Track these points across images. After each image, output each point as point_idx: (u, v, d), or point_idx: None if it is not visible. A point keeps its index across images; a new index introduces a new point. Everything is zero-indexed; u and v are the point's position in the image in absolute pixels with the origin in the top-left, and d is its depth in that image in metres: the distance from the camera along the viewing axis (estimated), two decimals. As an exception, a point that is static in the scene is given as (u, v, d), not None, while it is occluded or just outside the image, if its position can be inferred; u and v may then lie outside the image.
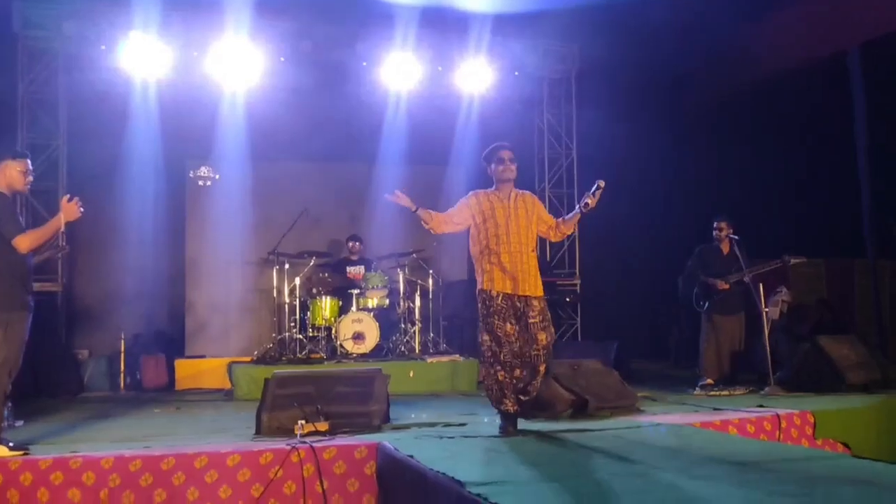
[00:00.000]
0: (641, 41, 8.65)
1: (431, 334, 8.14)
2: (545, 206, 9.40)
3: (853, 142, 7.69)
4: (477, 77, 8.88)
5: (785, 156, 8.35)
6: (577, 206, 4.67)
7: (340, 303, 7.89)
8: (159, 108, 8.16)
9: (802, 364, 6.21)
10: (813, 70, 8.06)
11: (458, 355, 7.70)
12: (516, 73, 9.04)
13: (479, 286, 4.61)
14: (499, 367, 4.45)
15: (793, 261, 6.58)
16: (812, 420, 4.95)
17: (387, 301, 7.99)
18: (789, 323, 7.56)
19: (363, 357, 7.54)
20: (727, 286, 6.63)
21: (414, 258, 8.27)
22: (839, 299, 8.33)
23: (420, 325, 8.03)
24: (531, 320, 4.46)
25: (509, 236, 4.56)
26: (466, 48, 8.67)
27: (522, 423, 4.73)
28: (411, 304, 8.05)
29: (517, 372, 4.46)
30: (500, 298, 4.47)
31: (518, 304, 4.49)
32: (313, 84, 8.63)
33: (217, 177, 7.64)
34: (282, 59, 8.39)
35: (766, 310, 6.43)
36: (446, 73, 8.90)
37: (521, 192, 4.80)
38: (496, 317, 4.47)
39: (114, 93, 8.03)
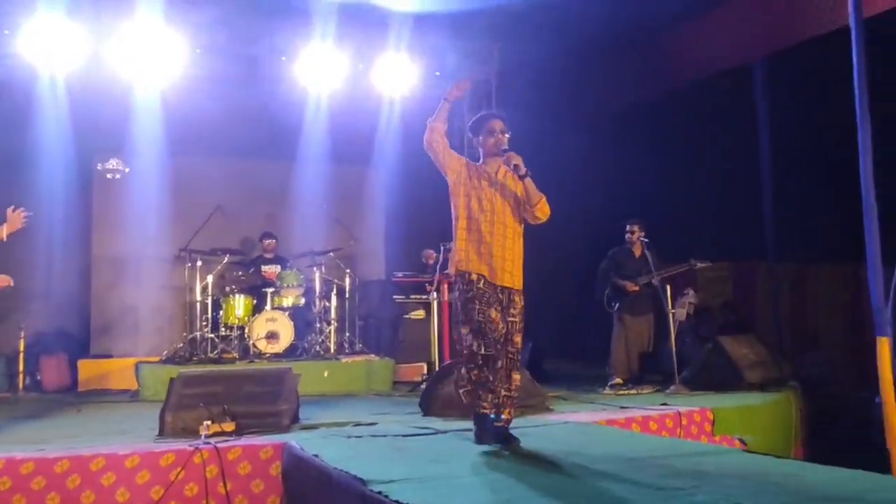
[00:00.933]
0: (563, 44, 8.78)
1: (347, 334, 8.09)
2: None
3: (758, 150, 8.01)
4: (398, 76, 8.84)
5: (696, 162, 8.61)
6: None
7: (254, 301, 7.77)
8: (68, 98, 7.76)
9: (705, 363, 6.44)
10: (722, 80, 8.36)
11: (373, 355, 7.69)
12: (437, 73, 9.04)
13: (454, 268, 4.06)
14: (476, 368, 3.89)
15: (699, 265, 6.82)
16: (711, 417, 5.14)
17: (302, 300, 7.91)
18: (696, 324, 7.82)
19: (277, 357, 7.43)
20: (637, 288, 6.82)
21: (331, 257, 8.21)
22: (743, 301, 8.64)
23: (336, 324, 7.98)
24: (510, 318, 3.96)
25: (494, 214, 4.02)
26: (387, 46, 8.63)
27: (433, 421, 4.76)
28: (327, 304, 7.98)
29: (499, 364, 3.89)
30: (481, 282, 3.91)
31: (500, 294, 3.96)
32: (231, 77, 8.43)
33: (126, 170, 7.40)
34: (198, 50, 8.17)
35: (673, 311, 6.64)
36: (367, 71, 8.83)
37: (506, 167, 4.19)
38: (478, 301, 3.88)
39: (16, 81, 7.68)
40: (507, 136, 4.15)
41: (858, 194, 4.96)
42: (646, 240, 6.95)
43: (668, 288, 6.65)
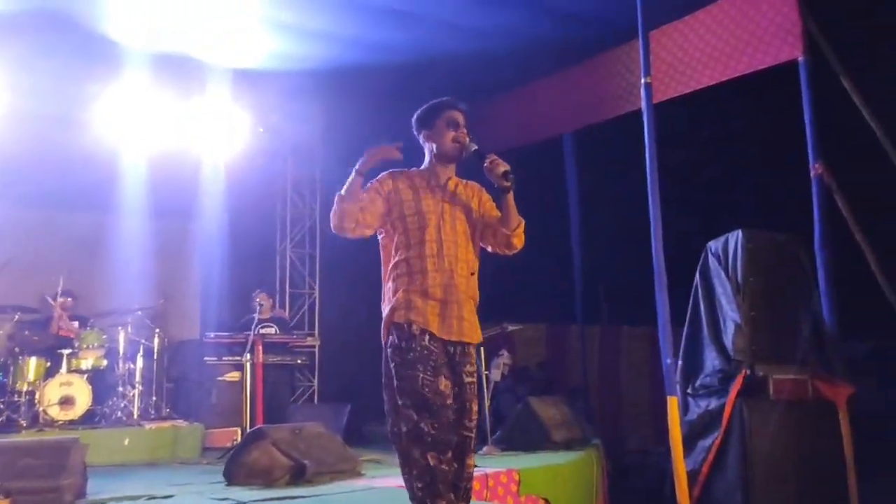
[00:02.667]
0: (387, 109, 8.94)
1: (154, 398, 7.61)
2: (286, 269, 9.58)
3: (568, 217, 8.49)
4: (220, 131, 8.63)
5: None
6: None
7: (48, 364, 7.14)
8: None
9: (515, 423, 6.59)
10: (536, 150, 8.82)
11: (181, 420, 7.27)
12: (261, 130, 8.92)
13: (388, 318, 3.06)
14: (426, 449, 2.87)
15: (510, 328, 7.03)
16: (517, 477, 5.23)
17: (104, 362, 7.36)
18: (512, 384, 8.03)
19: (72, 424, 6.83)
20: (452, 349, 6.91)
21: (139, 315, 7.75)
22: (557, 361, 9.01)
23: (141, 387, 7.48)
24: (467, 379, 3.04)
25: (442, 244, 3.08)
26: (209, 100, 8.43)
27: (235, 492, 4.52)
28: (132, 366, 7.48)
29: (449, 455, 2.91)
30: (426, 338, 2.97)
31: (451, 350, 3.03)
32: (40, 121, 7.88)
33: None
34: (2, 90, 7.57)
35: (487, 373, 6.77)
36: (189, 124, 8.55)
37: (463, 180, 3.33)
38: (420, 366, 2.92)
39: None
40: (468, 138, 3.23)
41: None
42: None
43: (482, 350, 6.79)
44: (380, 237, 3.25)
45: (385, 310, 3.11)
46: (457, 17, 7.50)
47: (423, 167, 3.31)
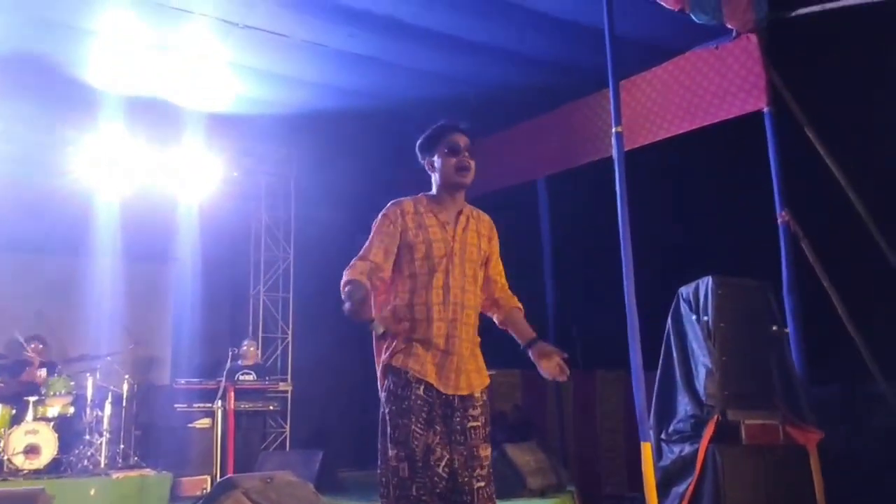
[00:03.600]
0: (357, 149, 9.03)
1: (122, 446, 7.45)
2: (259, 313, 9.51)
3: (541, 260, 8.56)
4: (195, 174, 8.64)
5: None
6: (536, 347, 3.03)
7: (14, 411, 6.98)
8: None
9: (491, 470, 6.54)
10: (511, 194, 8.92)
11: (148, 469, 7.11)
12: (235, 174, 8.95)
13: (387, 361, 2.86)
14: None
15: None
16: (491, 526, 5.18)
17: (71, 409, 7.22)
18: (491, 430, 7.98)
19: (37, 474, 6.65)
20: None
21: (108, 361, 7.64)
22: (532, 406, 8.97)
23: (109, 435, 7.33)
24: (471, 424, 2.81)
25: (448, 290, 2.86)
26: (183, 143, 8.45)
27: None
28: (100, 413, 7.34)
29: None
30: (421, 387, 2.77)
31: (450, 400, 2.81)
32: (13, 164, 7.84)
33: None
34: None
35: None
36: (163, 166, 8.55)
37: (474, 209, 3.08)
38: (413, 416, 2.74)
39: None
40: (473, 161, 2.97)
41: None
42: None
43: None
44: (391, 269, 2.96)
45: (383, 352, 2.90)
46: (429, 64, 7.64)
47: (431, 194, 3.04)
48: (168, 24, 6.78)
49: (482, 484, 2.78)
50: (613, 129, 5.62)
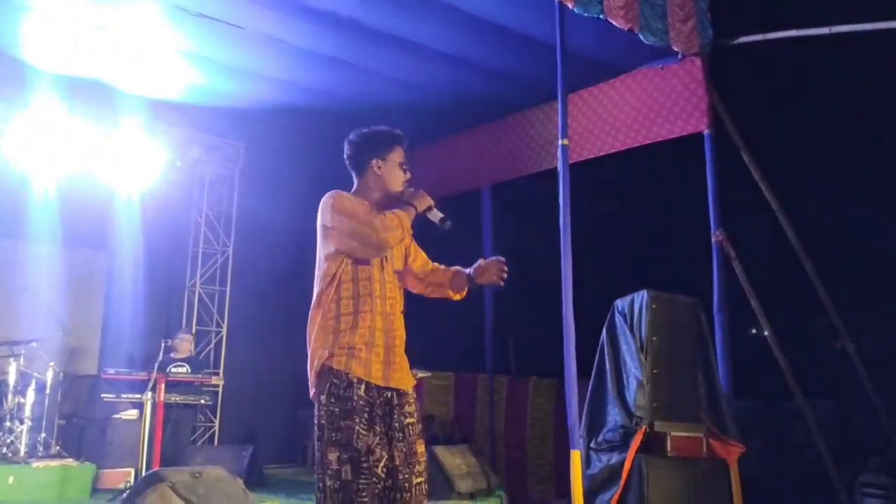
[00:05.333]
0: (305, 147, 8.95)
1: (43, 434, 7.22)
2: (194, 305, 9.34)
3: (482, 267, 8.64)
4: (136, 161, 8.42)
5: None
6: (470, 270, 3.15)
7: (-70, 395, 6.74)
8: None
9: (421, 472, 6.57)
10: (456, 202, 8.99)
11: (71, 459, 6.92)
12: (178, 164, 8.77)
13: (326, 363, 2.80)
14: None
15: (419, 374, 7.04)
16: (420, 528, 5.21)
17: (-8, 394, 6.99)
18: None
19: (-49, 460, 6.44)
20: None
21: (33, 347, 7.39)
22: (464, 410, 9.05)
23: (31, 423, 7.09)
24: (408, 420, 2.83)
25: (383, 286, 2.91)
26: (125, 128, 8.24)
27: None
28: (22, 400, 7.09)
29: None
30: (362, 387, 2.76)
31: (388, 398, 2.82)
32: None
33: None
34: None
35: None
36: (102, 151, 8.30)
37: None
38: (357, 417, 2.71)
39: None
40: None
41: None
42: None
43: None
44: (324, 261, 2.91)
45: (320, 351, 2.83)
46: (386, 67, 7.66)
47: (360, 193, 3.01)
48: (114, 4, 6.62)
49: (421, 479, 2.81)
50: (560, 142, 5.71)
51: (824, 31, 6.50)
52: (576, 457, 5.26)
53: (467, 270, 3.17)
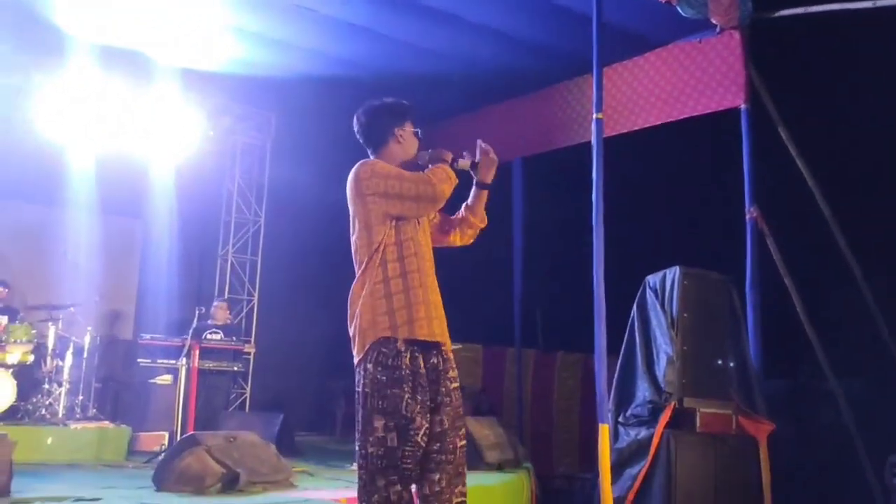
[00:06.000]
0: (336, 118, 8.95)
1: (81, 397, 7.43)
2: (227, 274, 9.46)
3: (511, 241, 8.63)
4: (170, 130, 8.51)
5: (460, 250, 9.10)
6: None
7: (-28, 356, 6.93)
8: None
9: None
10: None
11: (107, 422, 7.12)
12: (211, 133, 8.85)
13: (370, 331, 2.79)
14: (394, 479, 2.69)
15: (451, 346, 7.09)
16: (449, 496, 5.27)
17: (31, 357, 7.17)
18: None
19: (-8, 419, 6.64)
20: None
21: (72, 312, 7.57)
22: (492, 383, 9.11)
23: (68, 386, 7.29)
24: (453, 385, 2.86)
25: (423, 246, 2.97)
26: (158, 98, 8.31)
27: (164, 497, 4.46)
28: (60, 363, 7.30)
29: (436, 476, 2.74)
30: (408, 356, 2.76)
31: (435, 364, 2.83)
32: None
33: None
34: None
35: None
36: (137, 121, 8.39)
37: None
38: (405, 386, 2.73)
39: None
40: None
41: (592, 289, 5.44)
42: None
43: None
44: (371, 229, 2.88)
45: (368, 316, 2.80)
46: (419, 38, 7.61)
47: (385, 160, 3.03)
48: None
49: (464, 443, 2.88)
50: (594, 115, 5.65)
51: (868, 4, 6.33)
52: (604, 430, 5.27)
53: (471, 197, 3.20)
